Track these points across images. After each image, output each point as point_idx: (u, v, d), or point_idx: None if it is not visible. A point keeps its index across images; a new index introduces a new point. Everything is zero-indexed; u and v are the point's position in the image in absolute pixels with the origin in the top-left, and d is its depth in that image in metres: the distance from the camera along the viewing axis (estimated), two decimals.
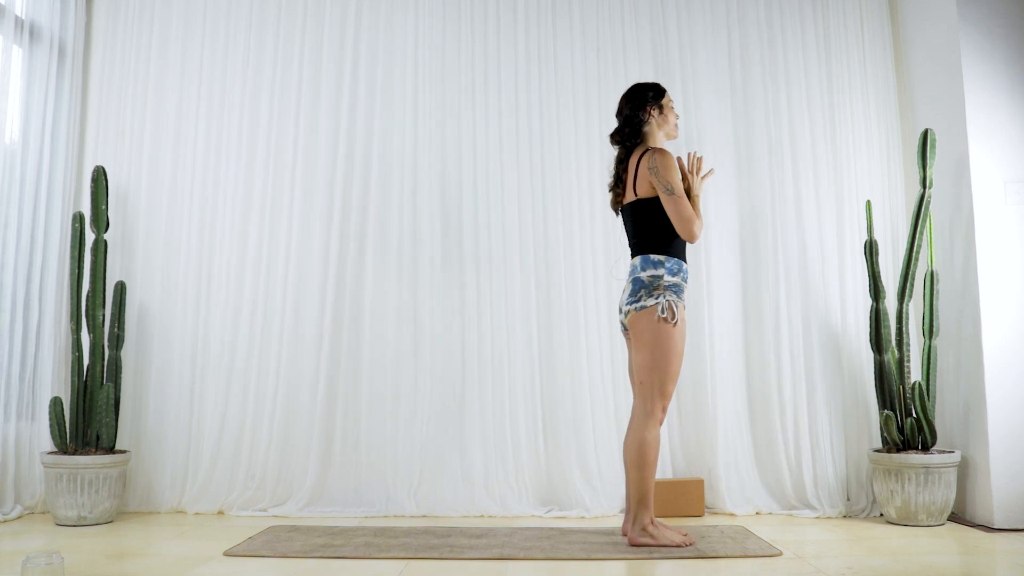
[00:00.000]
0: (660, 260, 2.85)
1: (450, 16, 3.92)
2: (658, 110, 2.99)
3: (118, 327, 3.62)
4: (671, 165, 2.84)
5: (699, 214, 2.89)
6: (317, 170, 3.83)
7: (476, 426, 3.66)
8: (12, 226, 3.49)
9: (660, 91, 3.03)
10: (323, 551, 2.80)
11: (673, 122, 3.03)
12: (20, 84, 3.60)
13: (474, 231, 3.78)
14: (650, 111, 2.98)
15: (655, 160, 2.85)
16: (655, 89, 3.02)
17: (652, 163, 2.85)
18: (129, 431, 3.68)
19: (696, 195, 2.95)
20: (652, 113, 2.98)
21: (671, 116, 3.03)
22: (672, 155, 2.87)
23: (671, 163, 2.84)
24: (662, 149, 2.90)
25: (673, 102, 3.07)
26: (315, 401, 3.68)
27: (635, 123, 2.98)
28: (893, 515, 3.30)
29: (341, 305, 3.75)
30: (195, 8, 3.96)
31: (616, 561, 2.68)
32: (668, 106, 3.02)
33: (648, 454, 2.80)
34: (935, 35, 3.59)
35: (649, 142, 2.97)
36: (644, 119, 2.98)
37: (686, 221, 2.80)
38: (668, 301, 2.81)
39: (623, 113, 3.03)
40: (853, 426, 3.62)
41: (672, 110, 3.03)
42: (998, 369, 3.25)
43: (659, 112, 2.99)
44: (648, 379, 2.83)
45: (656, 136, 2.99)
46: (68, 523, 3.29)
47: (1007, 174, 3.35)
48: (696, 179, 2.99)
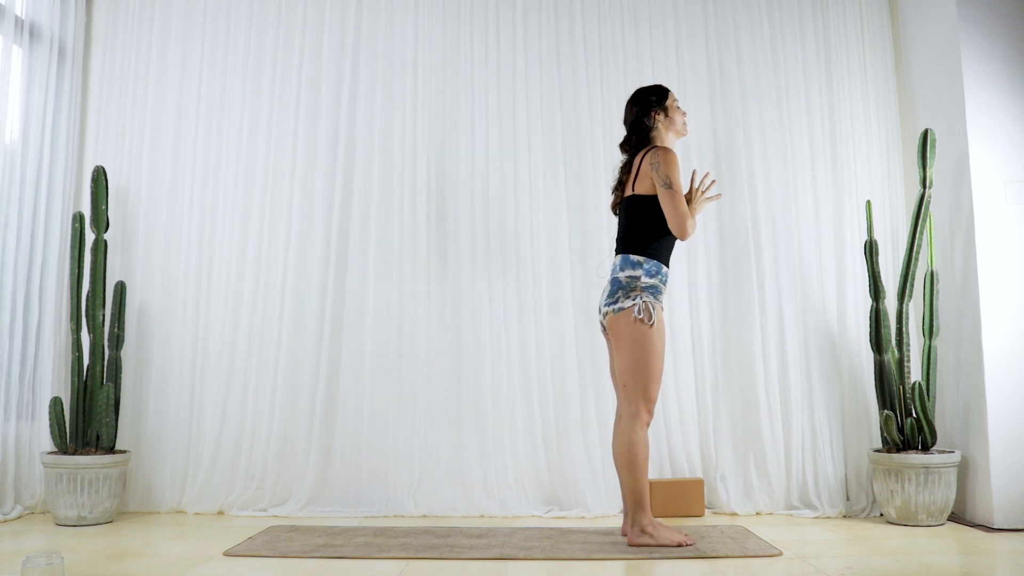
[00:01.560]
0: (639, 261, 2.84)
1: (450, 16, 3.92)
2: (663, 113, 2.98)
3: (118, 327, 3.62)
4: (673, 162, 2.83)
5: (694, 216, 2.88)
6: (317, 170, 3.83)
7: (476, 426, 3.66)
8: (12, 226, 3.48)
9: (663, 93, 3.01)
10: (323, 551, 2.80)
11: (681, 121, 3.02)
12: (20, 84, 3.60)
13: (474, 231, 3.78)
14: (655, 115, 2.97)
15: (658, 156, 2.85)
16: (658, 92, 3.01)
17: (655, 159, 2.85)
18: (129, 431, 3.68)
19: (695, 211, 2.96)
20: (657, 117, 2.97)
21: (678, 116, 3.01)
22: (675, 154, 2.87)
23: (673, 160, 2.84)
24: (666, 147, 2.89)
25: (678, 101, 3.07)
26: (315, 401, 3.68)
27: (642, 129, 2.98)
28: (893, 515, 3.30)
29: (341, 305, 3.75)
30: (195, 8, 3.96)
31: (616, 561, 2.68)
32: (673, 106, 3.01)
33: (638, 456, 2.80)
34: (935, 35, 3.59)
35: (655, 145, 2.96)
36: (650, 124, 2.97)
37: (681, 216, 2.79)
38: (644, 302, 2.80)
39: (628, 120, 3.02)
40: (853, 426, 3.62)
41: (678, 109, 3.02)
42: (998, 369, 3.25)
43: (664, 115, 2.98)
44: (631, 382, 2.83)
45: (665, 137, 2.98)
46: (68, 523, 3.29)
47: (1007, 174, 3.35)
48: (700, 196, 2.99)
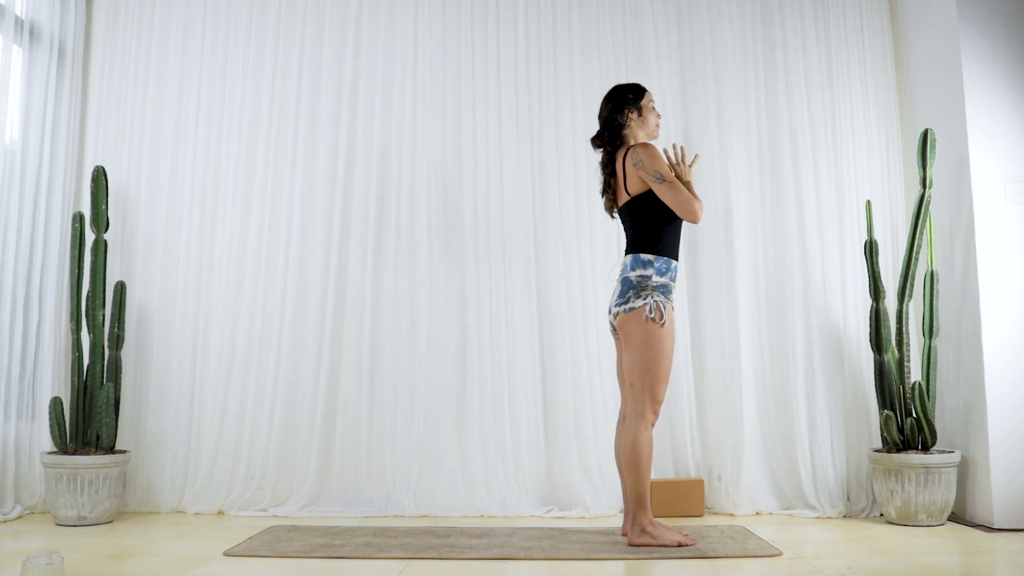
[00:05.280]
0: (649, 260, 2.85)
1: (450, 15, 3.92)
2: (637, 112, 2.98)
3: (118, 327, 3.62)
4: (655, 155, 2.84)
5: (697, 197, 2.87)
6: (317, 170, 3.83)
7: (476, 425, 3.66)
8: (12, 226, 3.48)
9: (640, 92, 3.02)
10: (323, 551, 2.80)
11: (654, 123, 3.02)
12: (20, 84, 3.60)
13: (473, 230, 3.78)
14: (628, 113, 2.98)
15: (638, 154, 2.86)
16: (635, 90, 3.02)
17: (636, 158, 2.86)
18: (129, 431, 3.68)
19: (688, 181, 2.95)
20: (631, 116, 2.98)
21: (651, 117, 3.02)
22: (654, 146, 2.88)
23: (654, 152, 2.85)
24: (643, 143, 2.90)
25: (654, 102, 3.07)
26: (315, 401, 3.69)
27: (614, 126, 2.99)
28: (893, 515, 3.30)
29: (341, 305, 3.75)
30: (195, 8, 3.96)
31: (616, 561, 2.68)
32: (648, 107, 3.01)
33: (641, 455, 2.80)
34: (935, 35, 3.59)
35: (630, 143, 2.97)
36: (623, 122, 2.98)
37: (685, 203, 2.80)
38: (656, 302, 2.81)
39: (602, 116, 3.03)
40: (853, 426, 3.62)
41: (653, 110, 3.02)
42: (998, 369, 3.25)
43: (638, 114, 2.99)
44: (639, 381, 2.83)
45: (637, 137, 2.99)
46: (68, 523, 3.29)
47: (1007, 174, 3.35)
48: (684, 167, 2.99)
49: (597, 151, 3.07)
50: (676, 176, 2.96)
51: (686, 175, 2.97)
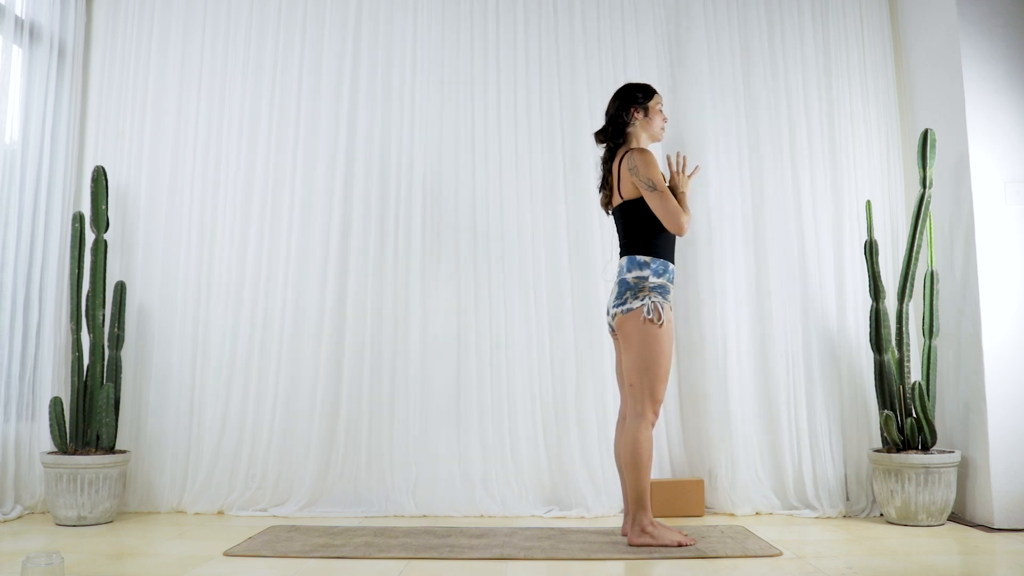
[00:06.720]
0: (646, 261, 2.85)
1: (450, 16, 3.92)
2: (643, 112, 2.99)
3: (118, 327, 3.62)
4: (650, 162, 2.84)
5: (687, 209, 2.89)
6: (317, 170, 3.83)
7: (476, 425, 3.66)
8: (12, 226, 3.48)
9: (649, 92, 3.02)
10: (323, 551, 2.80)
11: (659, 125, 3.03)
12: (20, 84, 3.60)
13: (473, 230, 3.78)
14: (635, 112, 2.98)
15: (634, 160, 2.86)
16: (644, 90, 3.02)
17: (631, 163, 2.86)
18: (129, 431, 3.68)
19: (683, 192, 2.96)
20: (637, 115, 2.98)
21: (657, 119, 3.02)
22: (651, 153, 2.88)
23: (650, 160, 2.85)
24: (641, 148, 2.90)
25: (662, 104, 3.07)
26: (315, 401, 3.68)
27: (619, 123, 2.99)
28: (893, 515, 3.30)
29: (341, 304, 3.75)
30: (195, 8, 3.96)
31: (616, 561, 2.68)
32: (655, 108, 3.01)
33: (642, 456, 2.80)
34: (935, 36, 3.59)
35: (632, 143, 2.97)
36: (628, 120, 2.98)
37: (672, 214, 2.81)
38: (654, 302, 2.81)
39: (609, 112, 3.03)
40: (853, 426, 3.62)
41: (660, 113, 3.03)
42: (998, 369, 3.25)
43: (644, 114, 2.99)
44: (638, 382, 2.83)
45: (640, 138, 2.99)
46: (68, 523, 3.29)
47: (1007, 174, 3.35)
48: (683, 177, 2.99)
49: (600, 146, 3.07)
50: (672, 185, 2.96)
51: (683, 186, 2.97)
